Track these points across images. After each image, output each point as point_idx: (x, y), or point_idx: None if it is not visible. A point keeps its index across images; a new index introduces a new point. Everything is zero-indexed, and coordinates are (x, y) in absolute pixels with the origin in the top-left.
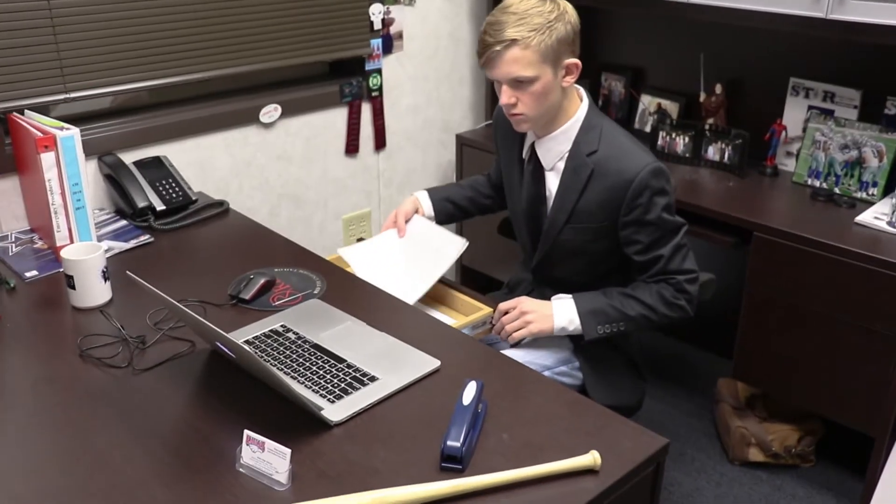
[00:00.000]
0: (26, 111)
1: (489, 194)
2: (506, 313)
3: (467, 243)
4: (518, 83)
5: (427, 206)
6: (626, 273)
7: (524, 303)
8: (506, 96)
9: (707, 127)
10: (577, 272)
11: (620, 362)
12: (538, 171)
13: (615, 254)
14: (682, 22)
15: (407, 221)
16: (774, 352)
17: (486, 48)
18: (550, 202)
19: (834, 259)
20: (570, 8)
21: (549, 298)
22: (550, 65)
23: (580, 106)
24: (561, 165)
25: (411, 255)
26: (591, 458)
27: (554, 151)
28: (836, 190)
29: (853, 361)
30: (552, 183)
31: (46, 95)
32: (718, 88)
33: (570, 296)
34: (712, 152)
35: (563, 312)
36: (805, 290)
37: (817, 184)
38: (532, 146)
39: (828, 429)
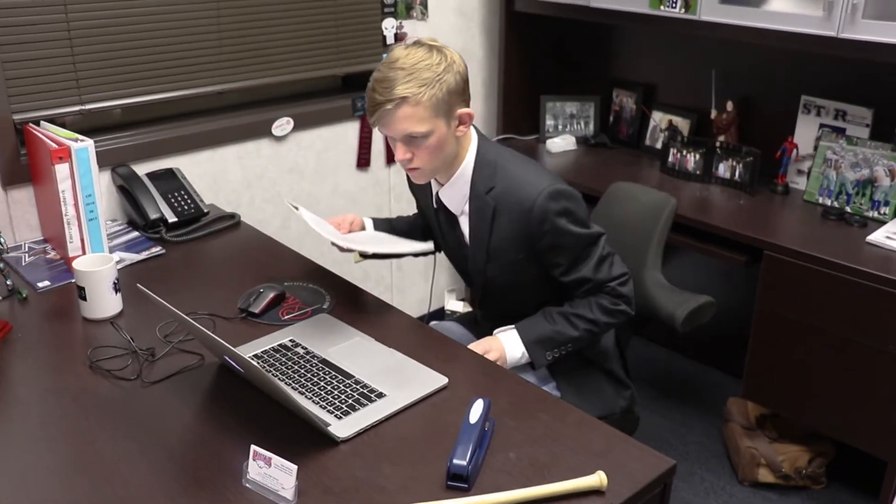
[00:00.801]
0: (42, 122)
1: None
2: None
3: (433, 249)
4: (412, 139)
5: (369, 226)
6: (567, 293)
7: (480, 345)
8: (401, 152)
9: (718, 144)
10: (518, 303)
11: (598, 374)
12: (450, 218)
13: (547, 280)
14: (693, 39)
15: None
16: (785, 371)
17: (377, 106)
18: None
19: (845, 279)
20: (457, 56)
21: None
22: (443, 117)
23: (471, 146)
24: (467, 208)
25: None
26: (598, 478)
27: (457, 197)
28: (848, 209)
29: (864, 382)
30: (465, 226)
31: (62, 107)
32: (730, 106)
33: (514, 327)
34: (723, 170)
35: (512, 346)
36: (816, 309)
37: (828, 202)
38: (437, 195)
39: (839, 450)
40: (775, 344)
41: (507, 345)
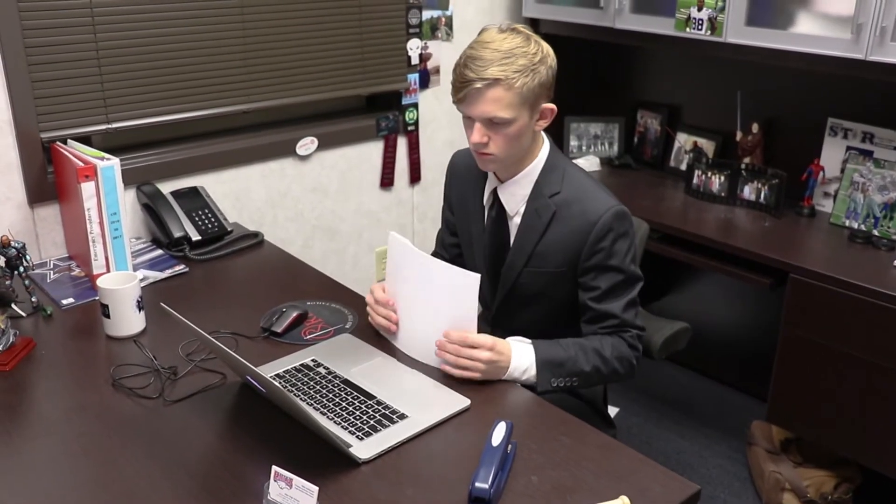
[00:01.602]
0: (69, 141)
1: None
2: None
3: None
4: (493, 123)
5: None
6: (587, 326)
7: (488, 338)
8: (478, 134)
9: (743, 166)
10: (536, 321)
11: (584, 410)
12: (501, 217)
13: (574, 303)
14: (719, 60)
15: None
16: (810, 395)
17: (467, 83)
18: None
19: (872, 303)
20: (551, 51)
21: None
22: (528, 108)
23: (542, 148)
24: (523, 208)
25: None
26: (621, 502)
27: (518, 196)
28: (875, 232)
29: (891, 407)
30: (513, 227)
31: (89, 126)
32: (755, 127)
33: (531, 342)
34: (748, 192)
35: (521, 357)
36: (842, 333)
37: (855, 225)
38: (494, 192)
39: (865, 476)
40: (800, 367)
41: (515, 354)
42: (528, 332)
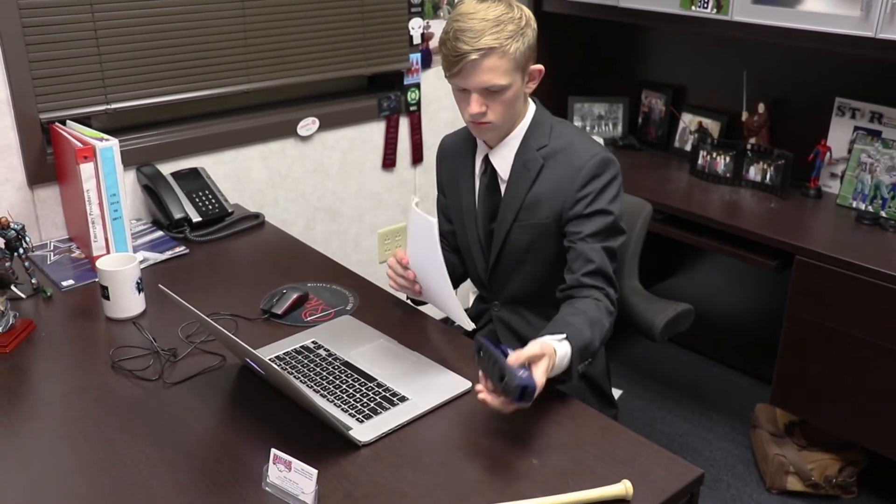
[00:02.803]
0: (68, 122)
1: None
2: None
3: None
4: (489, 92)
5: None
6: (568, 273)
7: (537, 345)
8: (476, 105)
9: (749, 147)
10: (527, 284)
11: (585, 390)
12: (493, 183)
13: (557, 260)
14: (724, 40)
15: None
16: (815, 378)
17: (462, 56)
18: None
19: (879, 285)
20: (529, 12)
21: (509, 325)
22: (521, 72)
23: (529, 108)
24: (511, 168)
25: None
26: (623, 487)
27: (509, 157)
28: (883, 213)
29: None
30: (504, 190)
31: (88, 106)
32: (761, 107)
33: (564, 335)
34: (754, 173)
35: (562, 353)
36: (848, 316)
37: (863, 206)
38: (485, 159)
39: (870, 459)
40: (805, 350)
41: (559, 351)
42: (520, 300)
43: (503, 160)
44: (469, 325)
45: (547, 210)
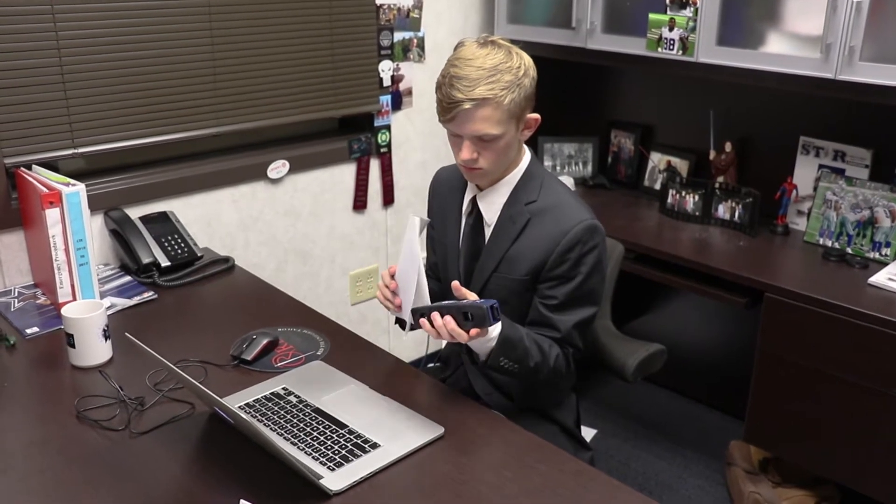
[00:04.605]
0: (34, 166)
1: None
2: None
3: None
4: (482, 140)
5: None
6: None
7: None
8: (467, 152)
9: (717, 185)
10: None
11: (555, 432)
12: (478, 225)
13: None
14: (691, 80)
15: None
16: (787, 414)
17: (456, 104)
18: None
19: (847, 321)
20: (530, 61)
21: (480, 364)
22: (515, 121)
23: (524, 157)
24: (497, 217)
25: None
26: None
27: (496, 204)
28: (849, 250)
29: (868, 426)
30: (489, 235)
31: (55, 150)
32: (728, 146)
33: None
34: (722, 211)
35: (493, 328)
36: (818, 352)
37: (829, 243)
38: (473, 200)
39: (844, 495)
40: (777, 387)
41: (491, 332)
42: None
43: (490, 206)
44: (409, 321)
45: (526, 267)
